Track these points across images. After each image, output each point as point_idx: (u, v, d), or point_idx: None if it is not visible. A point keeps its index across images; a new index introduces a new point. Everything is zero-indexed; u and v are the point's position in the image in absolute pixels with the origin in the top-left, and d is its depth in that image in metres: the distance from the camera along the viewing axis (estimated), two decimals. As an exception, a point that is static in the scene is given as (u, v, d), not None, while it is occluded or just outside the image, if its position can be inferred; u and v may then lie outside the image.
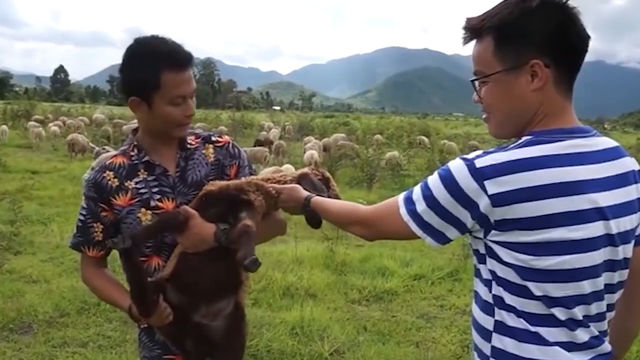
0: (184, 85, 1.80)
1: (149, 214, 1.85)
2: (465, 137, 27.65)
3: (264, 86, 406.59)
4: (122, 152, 1.93)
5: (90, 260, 1.94)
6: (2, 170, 13.06)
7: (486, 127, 1.51)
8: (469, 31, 1.40)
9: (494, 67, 1.37)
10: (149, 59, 1.77)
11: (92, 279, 1.97)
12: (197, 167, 1.95)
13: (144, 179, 1.88)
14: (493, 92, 1.41)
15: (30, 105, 36.23)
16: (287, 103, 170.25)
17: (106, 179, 1.87)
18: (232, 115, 30.64)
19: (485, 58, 1.39)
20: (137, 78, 1.80)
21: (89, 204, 1.89)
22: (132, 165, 1.89)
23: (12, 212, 7.38)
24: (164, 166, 1.90)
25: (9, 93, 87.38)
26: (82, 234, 1.91)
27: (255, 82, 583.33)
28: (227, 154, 2.02)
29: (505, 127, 1.45)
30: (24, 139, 21.83)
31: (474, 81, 1.44)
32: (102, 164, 1.93)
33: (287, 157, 17.88)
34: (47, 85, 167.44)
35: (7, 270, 5.96)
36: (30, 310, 4.88)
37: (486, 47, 1.38)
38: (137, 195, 1.86)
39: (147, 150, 1.90)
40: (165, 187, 1.89)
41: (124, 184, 1.87)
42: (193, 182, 1.92)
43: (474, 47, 1.40)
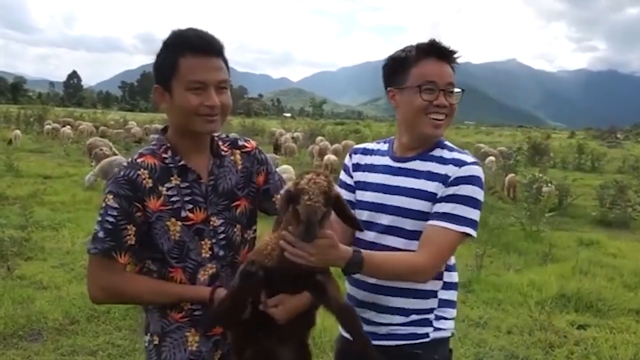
0: (204, 71, 1.71)
1: (178, 225, 1.76)
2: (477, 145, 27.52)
3: (275, 93, 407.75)
4: (151, 153, 1.80)
5: (119, 267, 1.74)
6: (15, 175, 13.10)
7: (445, 130, 1.98)
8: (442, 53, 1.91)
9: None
10: (172, 44, 1.73)
11: (131, 286, 1.79)
12: (227, 175, 1.88)
13: (176, 185, 1.77)
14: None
15: (43, 110, 36.49)
16: (297, 110, 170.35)
17: (141, 177, 1.73)
18: (243, 121, 30.69)
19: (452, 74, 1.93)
20: (159, 64, 1.75)
21: (121, 204, 1.70)
22: (165, 168, 1.78)
23: (23, 218, 7.40)
24: (198, 172, 1.81)
25: (23, 98, 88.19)
26: (114, 238, 1.70)
27: (266, 88, 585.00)
28: (254, 161, 1.95)
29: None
30: (37, 143, 21.97)
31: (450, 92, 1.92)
32: (133, 161, 1.78)
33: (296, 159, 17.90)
34: (60, 91, 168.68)
35: (18, 276, 5.95)
36: (40, 317, 4.85)
37: (451, 69, 1.93)
38: (169, 203, 1.75)
39: (181, 153, 1.80)
40: (198, 196, 1.80)
41: (158, 187, 1.75)
42: (224, 192, 1.85)
43: (445, 65, 1.91)
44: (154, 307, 1.85)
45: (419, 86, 1.87)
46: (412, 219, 1.89)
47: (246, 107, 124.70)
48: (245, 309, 1.68)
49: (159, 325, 1.84)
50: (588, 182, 16.64)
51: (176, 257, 1.78)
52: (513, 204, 12.16)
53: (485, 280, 6.46)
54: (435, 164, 1.92)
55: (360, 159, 2.11)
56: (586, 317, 5.53)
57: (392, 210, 1.92)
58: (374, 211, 1.97)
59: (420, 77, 1.88)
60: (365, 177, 2.05)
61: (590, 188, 14.50)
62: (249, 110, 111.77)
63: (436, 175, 1.89)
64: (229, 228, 1.85)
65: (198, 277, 1.81)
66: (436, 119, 1.90)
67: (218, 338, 1.85)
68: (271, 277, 1.67)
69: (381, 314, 1.94)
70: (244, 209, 1.90)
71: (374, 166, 2.05)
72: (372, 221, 1.96)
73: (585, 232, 10.10)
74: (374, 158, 2.08)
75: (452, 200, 1.84)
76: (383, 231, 1.93)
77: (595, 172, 21.95)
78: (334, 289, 1.70)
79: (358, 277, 1.89)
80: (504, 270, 7.17)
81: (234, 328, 1.78)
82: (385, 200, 1.94)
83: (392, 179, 1.96)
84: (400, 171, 1.96)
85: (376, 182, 2.00)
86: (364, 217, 1.97)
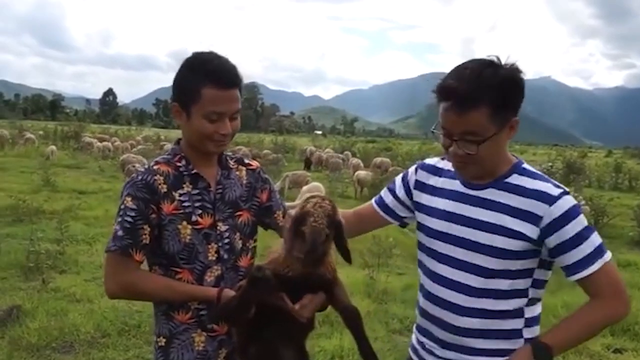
0: (223, 104, 1.83)
1: (189, 228, 1.88)
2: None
3: (307, 111, 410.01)
4: (166, 161, 1.94)
5: (135, 264, 1.84)
6: (51, 190, 13.37)
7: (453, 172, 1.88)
8: (464, 100, 1.62)
9: (489, 129, 1.66)
10: (196, 71, 1.84)
11: (145, 283, 1.89)
12: (233, 186, 2.02)
13: (187, 192, 1.91)
14: (489, 148, 1.69)
15: (79, 127, 37.35)
16: (329, 127, 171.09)
17: (157, 182, 1.87)
18: (275, 139, 30.91)
19: (480, 123, 1.65)
20: (182, 86, 1.87)
21: (138, 205, 1.83)
22: (178, 175, 1.92)
23: (58, 232, 7.55)
24: (208, 181, 1.95)
25: (61, 115, 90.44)
26: (132, 237, 1.82)
27: (298, 106, 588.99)
28: (258, 178, 2.11)
29: (487, 171, 1.78)
30: (73, 159, 22.45)
31: (467, 140, 1.68)
32: (149, 168, 1.92)
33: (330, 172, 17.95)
34: (97, 108, 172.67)
35: (52, 288, 6.06)
36: (72, 330, 4.93)
37: (482, 114, 1.63)
38: (181, 208, 1.88)
39: (193, 163, 1.94)
40: (207, 203, 1.93)
41: (172, 193, 1.88)
42: (230, 201, 1.99)
43: (461, 114, 1.64)
44: (160, 310, 1.96)
45: (432, 132, 1.82)
46: (487, 255, 1.76)
47: (278, 125, 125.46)
48: (250, 309, 1.78)
49: (167, 328, 1.95)
50: (625, 202, 16.21)
51: (185, 258, 1.89)
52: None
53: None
54: (515, 195, 1.75)
55: (426, 177, 1.98)
56: (622, 340, 5.38)
57: (465, 243, 1.80)
58: (441, 241, 1.86)
59: (440, 118, 1.74)
60: (432, 202, 1.92)
61: (627, 208, 14.12)
62: (281, 127, 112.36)
63: (520, 212, 1.73)
64: (232, 234, 1.98)
65: (205, 279, 1.92)
66: (457, 165, 1.81)
67: (223, 337, 1.96)
68: (288, 285, 1.78)
69: (464, 355, 1.83)
70: (246, 220, 2.03)
71: (443, 190, 1.91)
72: (440, 251, 1.86)
73: (622, 253, 9.83)
74: (442, 180, 1.93)
75: (576, 243, 1.69)
76: (452, 264, 1.82)
77: (633, 191, 21.42)
78: (340, 292, 1.86)
79: (441, 317, 1.84)
80: (537, 291, 7.01)
81: (239, 326, 1.88)
82: (457, 232, 1.81)
83: (465, 209, 1.82)
84: (474, 200, 1.81)
85: (446, 210, 1.86)
86: (429, 244, 1.90)
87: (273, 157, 24.46)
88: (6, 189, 12.70)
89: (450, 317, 1.83)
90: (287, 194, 14.45)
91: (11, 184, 14.18)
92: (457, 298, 1.81)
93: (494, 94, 1.63)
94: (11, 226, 9.07)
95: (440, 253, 1.86)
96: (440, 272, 1.86)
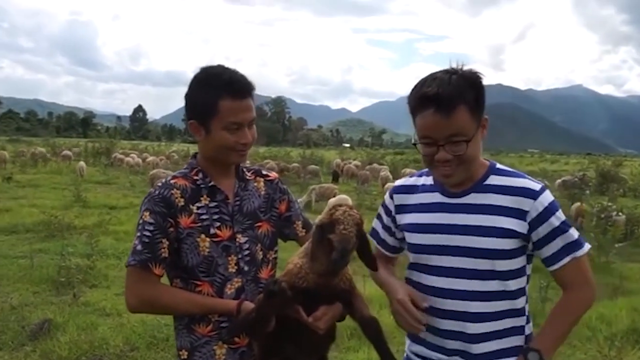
0: (241, 113, 1.87)
1: (207, 241, 1.89)
2: (541, 174, 26.74)
3: (334, 123, 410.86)
4: (183, 175, 1.96)
5: (155, 278, 1.85)
6: (82, 206, 13.62)
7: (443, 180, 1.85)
8: (448, 102, 1.67)
9: (472, 128, 1.72)
10: (210, 85, 1.86)
11: (165, 296, 1.90)
12: (251, 198, 2.03)
13: (205, 204, 1.92)
14: (473, 147, 1.74)
15: (110, 143, 38.02)
16: (357, 140, 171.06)
17: (174, 196, 1.89)
18: (302, 152, 31.02)
19: (465, 122, 1.70)
20: (197, 103, 1.89)
21: (156, 219, 1.84)
22: (196, 189, 1.93)
23: (89, 246, 7.66)
24: (225, 193, 1.96)
25: (92, 131, 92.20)
26: (150, 250, 1.83)
27: (326, 119, 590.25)
28: (277, 189, 2.12)
29: (469, 174, 1.81)
30: (104, 175, 22.81)
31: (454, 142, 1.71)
32: (166, 182, 1.94)
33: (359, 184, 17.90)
34: (127, 124, 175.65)
35: (83, 302, 6.14)
36: (102, 343, 4.98)
37: (464, 113, 1.69)
38: (199, 221, 1.90)
39: (210, 175, 1.95)
40: (225, 215, 1.94)
41: (189, 206, 1.89)
42: (248, 212, 2.00)
43: (447, 117, 1.68)
44: (181, 323, 1.97)
45: (414, 144, 1.81)
46: (484, 258, 1.78)
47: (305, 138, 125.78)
48: (269, 322, 1.77)
49: (188, 341, 1.95)
50: (662, 211, 15.82)
51: (204, 271, 1.90)
52: (580, 235, 11.66)
53: (550, 314, 6.18)
54: (499, 195, 1.80)
55: (403, 199, 1.98)
56: None
57: (460, 251, 1.80)
58: (435, 254, 1.84)
59: (418, 131, 1.77)
60: (417, 219, 1.91)
61: (664, 218, 13.77)
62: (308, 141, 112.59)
63: (507, 210, 1.78)
64: (253, 246, 1.98)
65: (225, 291, 1.92)
66: (442, 172, 1.79)
67: (244, 349, 1.95)
68: (305, 296, 1.77)
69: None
70: (266, 231, 2.04)
71: (425, 205, 1.91)
72: (434, 265, 1.85)
73: (658, 264, 9.58)
74: (421, 196, 1.93)
75: (557, 234, 1.78)
76: (451, 275, 1.81)
77: (670, 200, 20.91)
78: (359, 302, 1.84)
79: (450, 329, 1.82)
80: (570, 303, 6.85)
81: (259, 339, 1.87)
82: (449, 242, 1.81)
83: (452, 217, 1.83)
84: (458, 207, 1.83)
85: (433, 223, 1.86)
86: (422, 261, 1.88)
87: (312, 168, 24.63)
88: (39, 205, 12.99)
89: (460, 326, 1.81)
90: (314, 207, 14.45)
91: (44, 200, 14.53)
92: (466, 306, 1.80)
93: (470, 94, 1.71)
94: (44, 242, 9.27)
95: (435, 266, 1.85)
96: (439, 285, 1.84)
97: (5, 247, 8.87)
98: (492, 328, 1.80)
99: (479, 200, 1.81)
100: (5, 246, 8.98)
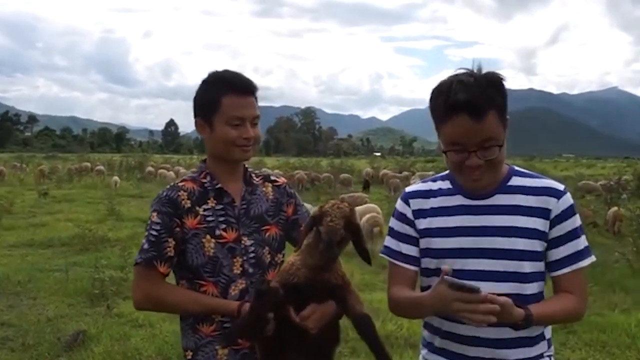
0: (242, 109, 1.94)
1: (212, 242, 1.94)
2: (577, 178, 26.21)
3: (364, 132, 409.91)
4: (192, 179, 2.02)
5: (160, 277, 1.92)
6: (116, 219, 13.83)
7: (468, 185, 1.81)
8: (480, 107, 1.63)
9: (502, 131, 1.69)
10: (213, 84, 1.97)
11: (169, 295, 1.96)
12: (258, 202, 2.07)
13: (212, 207, 1.97)
14: (503, 151, 1.71)
15: (143, 157, 38.65)
16: (387, 149, 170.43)
17: (180, 197, 1.95)
18: (332, 162, 31.03)
19: (496, 126, 1.67)
20: (202, 101, 1.99)
21: (163, 219, 1.91)
22: (203, 192, 1.98)
23: (122, 259, 7.75)
24: (232, 196, 2.01)
25: (125, 146, 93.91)
26: (156, 249, 1.90)
27: (356, 128, 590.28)
28: (284, 193, 2.16)
29: (497, 177, 1.79)
30: (137, 188, 23.17)
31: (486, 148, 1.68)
32: (175, 184, 2.01)
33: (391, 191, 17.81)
34: (159, 138, 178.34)
35: (116, 314, 6.22)
36: (135, 354, 5.04)
37: (494, 117, 1.65)
38: (205, 222, 1.94)
39: (218, 179, 2.01)
40: (231, 218, 1.99)
41: (195, 208, 1.95)
42: (255, 216, 2.03)
43: (479, 122, 1.63)
44: (187, 323, 2.01)
45: (445, 151, 1.74)
46: (513, 260, 1.74)
47: (336, 148, 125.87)
48: (265, 323, 1.77)
49: (192, 341, 1.99)
50: None
51: (209, 271, 1.94)
52: (617, 240, 11.39)
53: (588, 321, 6.01)
54: (523, 195, 1.78)
55: (420, 203, 1.89)
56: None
57: (488, 253, 1.75)
58: (460, 257, 1.78)
59: (446, 139, 1.71)
60: (439, 222, 1.84)
61: None
62: (339, 150, 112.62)
63: (532, 210, 1.76)
64: (259, 249, 2.02)
65: (229, 292, 1.96)
66: (472, 177, 1.74)
67: (246, 351, 1.97)
68: (296, 293, 1.78)
69: None
70: (274, 234, 2.08)
71: (446, 208, 1.84)
72: (459, 268, 1.75)
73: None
74: (440, 200, 1.87)
75: (570, 239, 1.77)
76: (477, 278, 1.69)
77: None
78: (353, 299, 1.83)
79: (476, 335, 1.74)
80: (608, 310, 6.67)
81: (260, 343, 1.87)
82: (475, 244, 1.76)
83: (477, 219, 1.78)
84: (483, 209, 1.79)
85: (457, 226, 1.80)
86: (435, 265, 1.82)
87: (344, 177, 24.70)
88: (74, 219, 13.23)
89: (484, 332, 1.71)
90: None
91: (79, 214, 14.80)
92: None
93: (499, 98, 1.68)
94: (78, 255, 9.45)
95: (461, 270, 1.74)
96: None
97: (42, 261, 9.07)
98: (517, 334, 1.72)
99: (505, 201, 1.78)
100: (42, 260, 9.19)
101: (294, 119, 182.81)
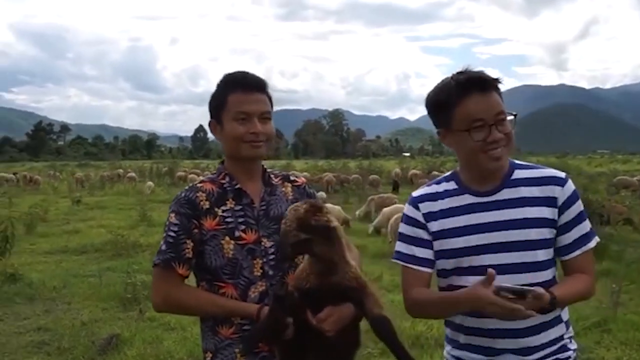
0: (247, 104, 1.94)
1: (231, 243, 1.92)
2: (611, 174, 25.68)
3: (393, 133, 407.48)
4: (211, 180, 2.02)
5: (179, 278, 1.91)
6: (147, 225, 13.99)
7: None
8: (491, 82, 1.76)
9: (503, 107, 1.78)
10: (222, 85, 2.00)
11: (188, 297, 1.94)
12: (278, 202, 2.04)
13: (230, 208, 1.96)
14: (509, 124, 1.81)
15: (173, 163, 39.14)
16: (416, 149, 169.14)
17: (199, 198, 1.94)
18: (360, 163, 30.93)
19: (501, 103, 1.77)
20: (212, 102, 2.01)
21: (181, 220, 1.91)
22: (222, 193, 1.98)
23: (153, 263, 7.85)
24: (251, 197, 1.99)
25: (156, 153, 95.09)
26: (174, 250, 1.88)
27: (384, 129, 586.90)
28: (304, 193, 2.13)
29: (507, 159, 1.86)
30: (168, 194, 23.44)
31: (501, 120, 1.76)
32: (193, 185, 2.02)
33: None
34: (189, 144, 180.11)
35: (148, 317, 6.29)
36: (167, 356, 5.10)
37: (497, 96, 1.77)
38: (224, 223, 1.93)
39: (237, 179, 2.00)
40: (250, 219, 1.97)
41: (214, 209, 1.94)
42: (274, 216, 1.99)
43: (491, 96, 1.75)
44: (207, 325, 1.99)
45: (468, 130, 1.75)
46: (528, 250, 1.80)
47: (364, 149, 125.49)
48: (284, 327, 1.76)
49: (212, 343, 1.99)
50: None
51: (229, 273, 1.92)
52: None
53: (624, 319, 5.89)
54: (529, 187, 1.84)
55: (429, 206, 1.91)
56: None
57: (503, 247, 1.80)
58: (476, 254, 1.81)
59: (467, 117, 1.75)
60: (450, 223, 1.87)
61: None
62: (367, 152, 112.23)
63: (540, 200, 1.82)
64: None
65: (249, 294, 1.93)
66: (494, 154, 1.77)
67: (265, 354, 1.94)
68: (310, 298, 1.77)
69: (521, 356, 1.82)
70: None
71: (456, 208, 1.87)
72: (477, 265, 1.80)
73: None
74: (449, 201, 1.90)
75: (577, 223, 1.84)
76: (499, 272, 1.69)
77: None
78: (370, 301, 1.80)
79: (503, 327, 1.77)
80: (644, 308, 6.52)
81: (279, 347, 1.86)
82: (489, 239, 1.80)
83: (488, 216, 1.82)
84: (492, 205, 1.83)
85: (469, 224, 1.83)
86: (463, 264, 1.84)
87: (372, 178, 24.64)
88: (107, 225, 13.47)
89: (510, 323, 1.74)
90: (373, 217, 14.34)
91: (111, 220, 15.07)
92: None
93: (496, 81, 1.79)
94: (111, 260, 9.62)
95: (479, 266, 1.79)
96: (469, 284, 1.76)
97: (77, 267, 9.25)
98: (538, 320, 1.76)
99: (511, 195, 1.84)
100: (76, 266, 9.37)
101: (322, 121, 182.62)
